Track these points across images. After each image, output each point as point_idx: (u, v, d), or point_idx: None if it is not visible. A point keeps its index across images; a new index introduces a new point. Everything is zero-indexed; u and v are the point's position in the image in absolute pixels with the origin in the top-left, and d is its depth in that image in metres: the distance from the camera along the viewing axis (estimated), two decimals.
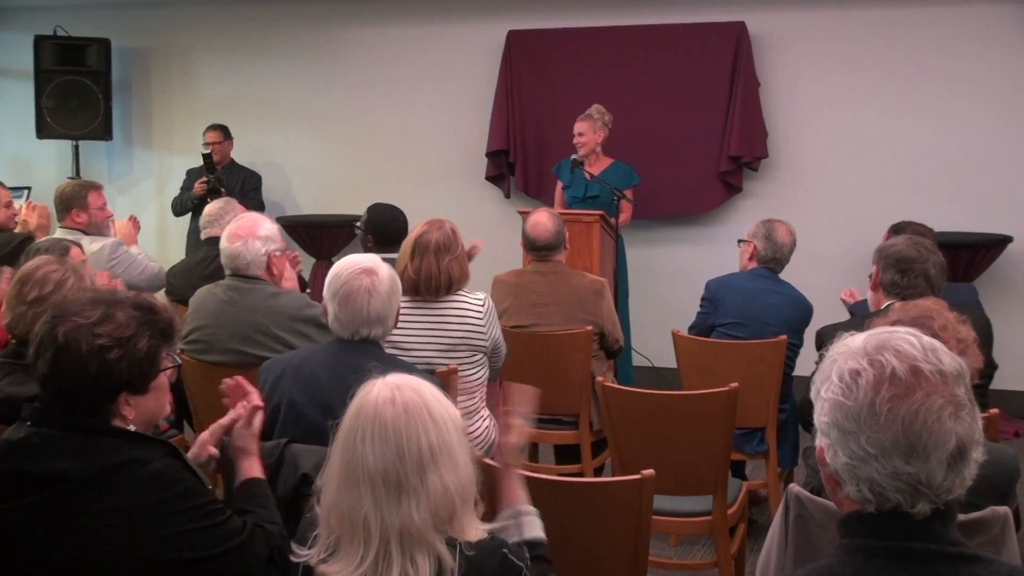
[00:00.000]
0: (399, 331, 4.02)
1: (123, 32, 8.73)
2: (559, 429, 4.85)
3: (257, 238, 4.08)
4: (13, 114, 9.04)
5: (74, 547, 2.11)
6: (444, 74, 8.06)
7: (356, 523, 1.90)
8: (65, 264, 3.31)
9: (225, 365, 3.89)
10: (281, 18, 8.42)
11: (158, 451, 2.22)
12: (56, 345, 2.17)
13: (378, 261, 3.22)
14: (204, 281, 4.41)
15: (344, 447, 1.95)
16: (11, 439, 2.22)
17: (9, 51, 9.11)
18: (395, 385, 1.97)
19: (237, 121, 8.59)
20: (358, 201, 7.76)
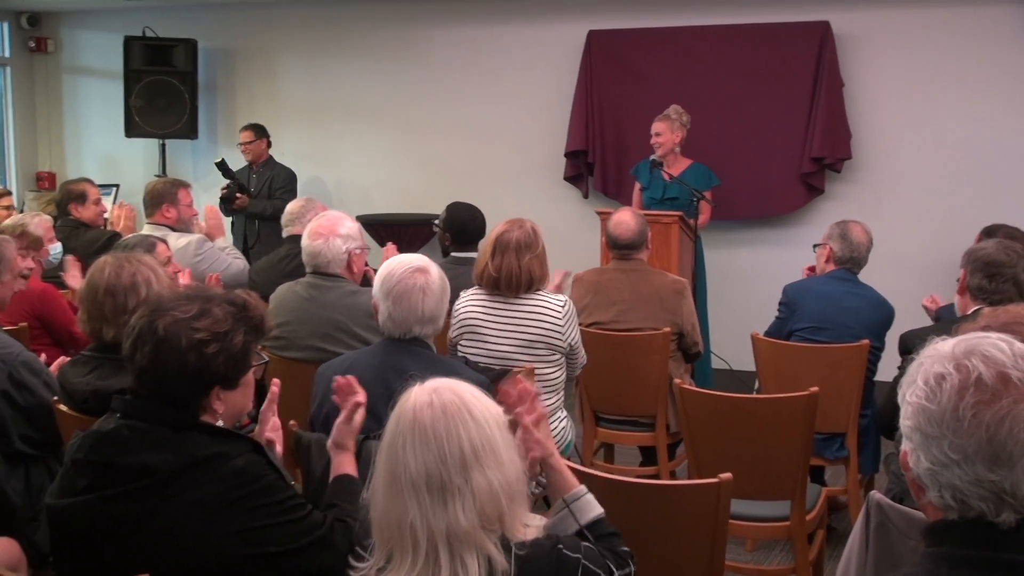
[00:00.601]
0: (477, 327, 4.06)
1: (209, 33, 8.89)
2: (636, 431, 4.83)
3: (338, 236, 4.13)
4: (103, 113, 9.27)
5: (158, 538, 2.15)
6: (524, 74, 8.07)
7: (404, 531, 1.88)
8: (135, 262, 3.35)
9: (305, 362, 3.94)
10: (363, 18, 8.51)
11: (242, 447, 2.26)
12: (156, 338, 2.21)
13: (429, 260, 3.25)
14: (285, 278, 4.47)
15: (387, 456, 1.93)
16: (101, 430, 2.26)
17: (100, 52, 9.34)
18: (432, 388, 1.95)
19: (318, 120, 8.72)
20: (437, 200, 7.80)
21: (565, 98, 7.84)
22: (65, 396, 3.30)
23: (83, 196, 5.91)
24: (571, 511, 2.25)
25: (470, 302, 4.13)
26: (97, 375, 3.20)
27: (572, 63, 7.82)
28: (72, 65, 9.65)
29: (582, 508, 2.26)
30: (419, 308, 3.12)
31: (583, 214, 7.68)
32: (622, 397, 4.77)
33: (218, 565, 2.17)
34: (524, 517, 1.98)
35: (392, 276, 3.15)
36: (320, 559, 2.26)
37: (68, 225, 5.81)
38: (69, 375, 3.31)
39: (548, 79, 7.97)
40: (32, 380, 3.58)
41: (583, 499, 2.28)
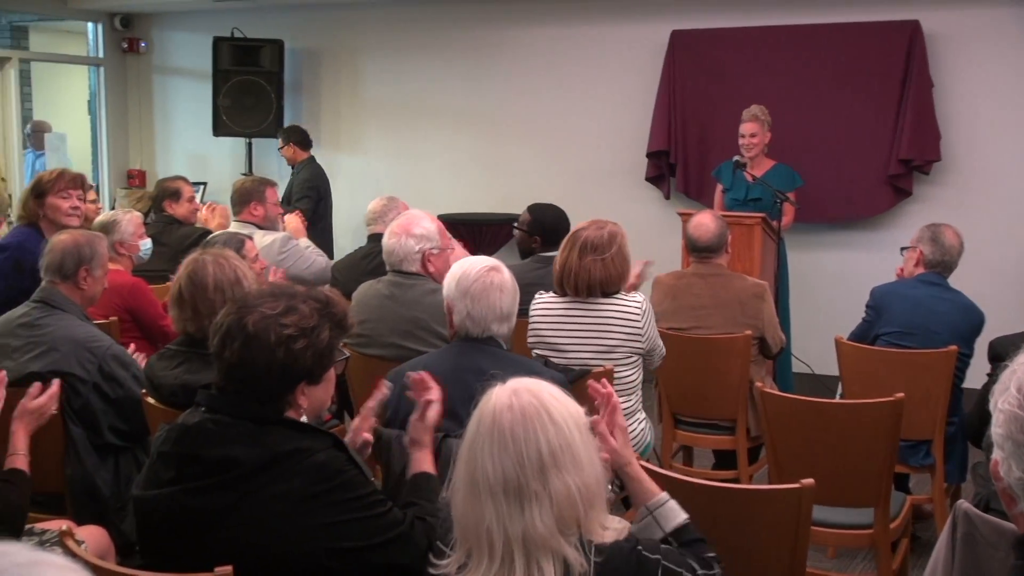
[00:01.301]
0: (554, 332, 4.04)
1: (296, 34, 9.02)
2: (715, 434, 4.78)
3: (412, 236, 4.16)
4: (192, 112, 9.45)
5: (241, 530, 2.19)
6: (606, 74, 8.05)
7: (481, 533, 1.88)
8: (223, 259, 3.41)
9: (385, 359, 3.98)
10: (447, 19, 8.56)
11: (324, 442, 2.28)
12: (245, 334, 2.25)
13: (498, 261, 3.27)
14: (367, 276, 4.52)
15: (467, 458, 1.92)
16: (186, 423, 2.31)
17: (190, 52, 9.53)
18: (512, 390, 1.93)
19: (401, 120, 8.79)
20: (518, 201, 7.81)
21: (647, 98, 7.79)
22: (153, 389, 3.38)
23: (178, 193, 6.05)
24: (655, 518, 2.24)
25: (544, 308, 4.11)
26: (185, 369, 3.27)
27: (654, 63, 7.77)
28: (163, 65, 9.86)
29: (666, 515, 2.24)
30: (497, 305, 3.14)
31: (664, 215, 7.63)
32: (702, 400, 4.73)
33: (299, 558, 2.20)
34: (603, 519, 1.96)
35: (468, 275, 3.17)
36: (400, 555, 2.28)
37: (162, 221, 5.95)
38: (157, 368, 3.38)
39: (630, 79, 7.94)
40: (121, 373, 3.67)
41: (666, 506, 2.26)
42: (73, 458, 3.62)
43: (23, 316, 3.78)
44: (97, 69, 9.85)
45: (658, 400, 4.93)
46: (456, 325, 3.20)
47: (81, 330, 3.74)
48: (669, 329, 4.63)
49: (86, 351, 3.64)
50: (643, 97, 7.82)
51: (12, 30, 11.31)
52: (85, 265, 3.85)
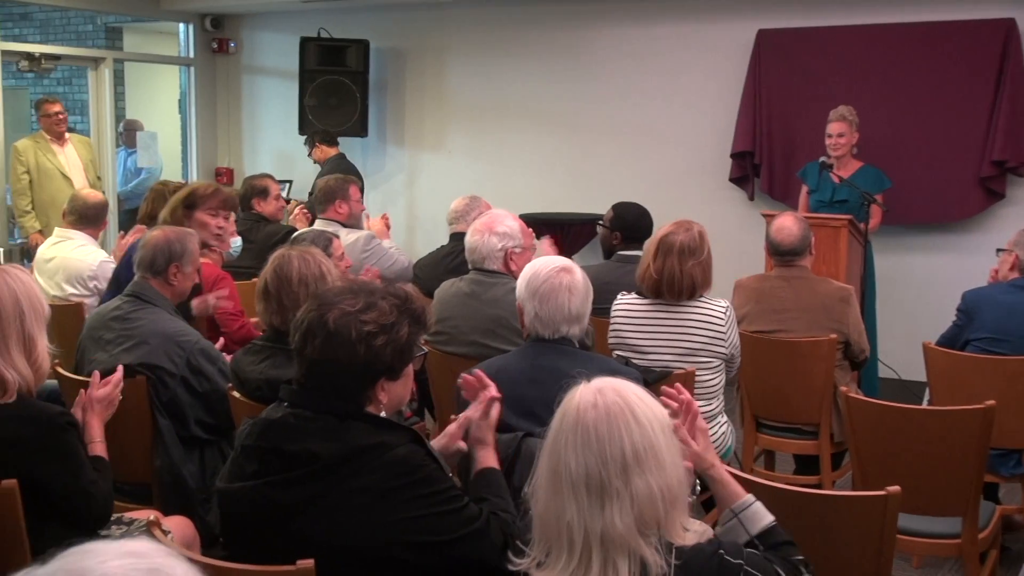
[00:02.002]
0: (636, 333, 4.02)
1: (381, 33, 9.11)
2: (798, 438, 4.72)
3: (494, 234, 4.18)
4: (279, 111, 9.60)
5: (322, 523, 2.22)
6: (691, 74, 7.99)
7: (561, 529, 1.88)
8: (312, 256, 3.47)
9: (466, 357, 3.99)
10: (531, 19, 8.57)
11: (403, 437, 2.30)
12: (327, 331, 2.27)
13: (571, 261, 3.25)
14: (449, 275, 4.55)
15: (550, 454, 1.93)
16: (270, 418, 2.34)
17: (277, 52, 9.68)
18: (597, 389, 1.94)
19: (485, 119, 8.82)
20: (601, 201, 7.79)
21: (732, 98, 7.72)
22: (239, 383, 3.44)
23: (265, 191, 6.15)
24: (740, 521, 2.22)
25: (626, 310, 4.08)
26: (270, 364, 3.32)
27: (739, 63, 7.69)
28: (251, 65, 10.03)
29: (751, 517, 2.22)
30: (566, 306, 3.12)
31: (748, 216, 7.55)
32: (785, 403, 4.67)
33: (378, 552, 2.22)
34: (684, 521, 1.95)
35: (538, 276, 3.16)
36: (476, 550, 2.29)
37: (250, 219, 6.05)
38: (243, 363, 3.44)
39: (715, 79, 7.87)
40: (209, 368, 3.75)
41: (752, 508, 2.24)
42: (161, 450, 3.70)
43: (116, 309, 3.87)
44: (188, 69, 10.05)
45: (740, 403, 4.87)
46: (527, 326, 3.20)
47: (170, 325, 3.82)
48: (752, 332, 4.58)
49: (175, 345, 3.72)
50: (728, 97, 7.75)
51: (107, 31, 11.61)
52: (176, 262, 3.93)
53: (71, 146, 8.19)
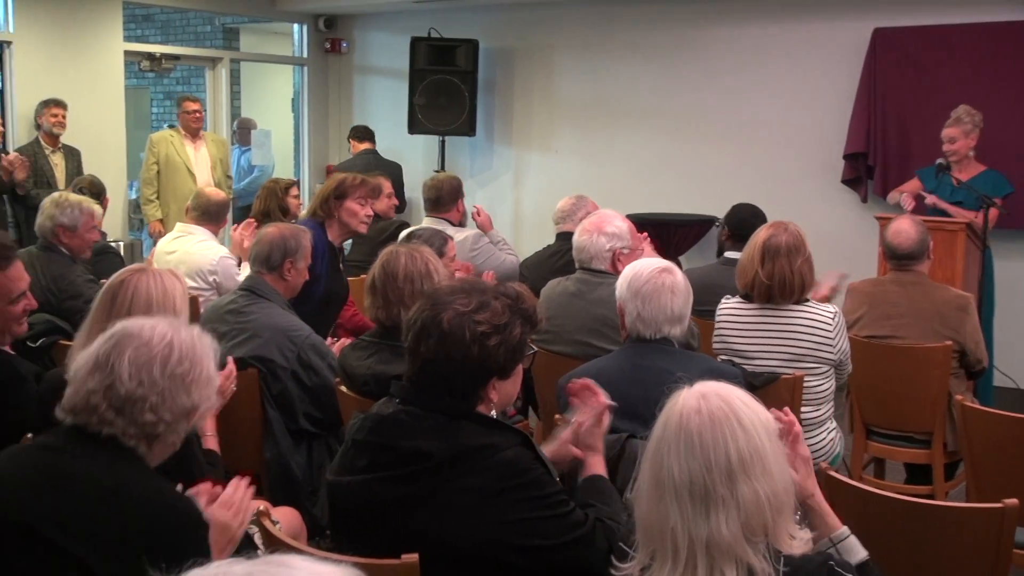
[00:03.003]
0: (741, 338, 3.96)
1: (490, 33, 9.16)
2: (910, 447, 4.60)
3: (603, 234, 4.17)
4: (388, 110, 9.72)
5: (428, 521, 2.23)
6: (802, 73, 7.85)
7: (665, 535, 1.85)
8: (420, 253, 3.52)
9: (571, 356, 3.99)
10: (640, 18, 8.53)
11: (513, 439, 2.30)
12: (441, 331, 2.28)
13: (670, 263, 3.24)
14: (554, 274, 4.56)
15: (652, 460, 1.90)
16: (381, 414, 2.37)
17: (388, 52, 9.81)
18: (701, 393, 1.90)
19: (593, 119, 8.81)
20: (709, 201, 7.74)
21: (845, 98, 7.56)
22: (346, 378, 3.49)
23: (378, 189, 6.25)
24: (838, 551, 2.18)
25: (731, 314, 4.03)
26: (377, 359, 3.37)
27: (854, 62, 7.53)
28: (362, 65, 10.18)
29: (848, 549, 2.19)
30: (669, 307, 3.12)
31: (861, 219, 7.39)
32: (897, 411, 4.55)
33: (483, 552, 2.22)
34: (791, 529, 1.91)
35: (640, 277, 3.15)
36: (581, 556, 2.28)
37: None
38: (351, 358, 3.50)
39: (827, 79, 7.72)
40: (318, 362, 3.82)
41: (848, 540, 2.21)
42: (270, 442, 3.79)
43: (231, 303, 3.98)
44: (301, 68, 10.25)
45: (849, 409, 4.77)
46: (628, 326, 3.19)
47: (283, 319, 3.90)
48: (864, 337, 4.48)
49: (287, 339, 3.80)
50: (841, 97, 7.59)
51: (224, 32, 11.91)
52: (290, 257, 4.03)
53: (204, 143, 8.44)
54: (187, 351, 2.21)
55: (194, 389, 2.20)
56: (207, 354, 2.27)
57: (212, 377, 2.26)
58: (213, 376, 2.26)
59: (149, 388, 2.14)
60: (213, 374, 2.26)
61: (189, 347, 2.22)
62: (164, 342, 2.19)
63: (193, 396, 2.20)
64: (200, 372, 2.22)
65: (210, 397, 2.26)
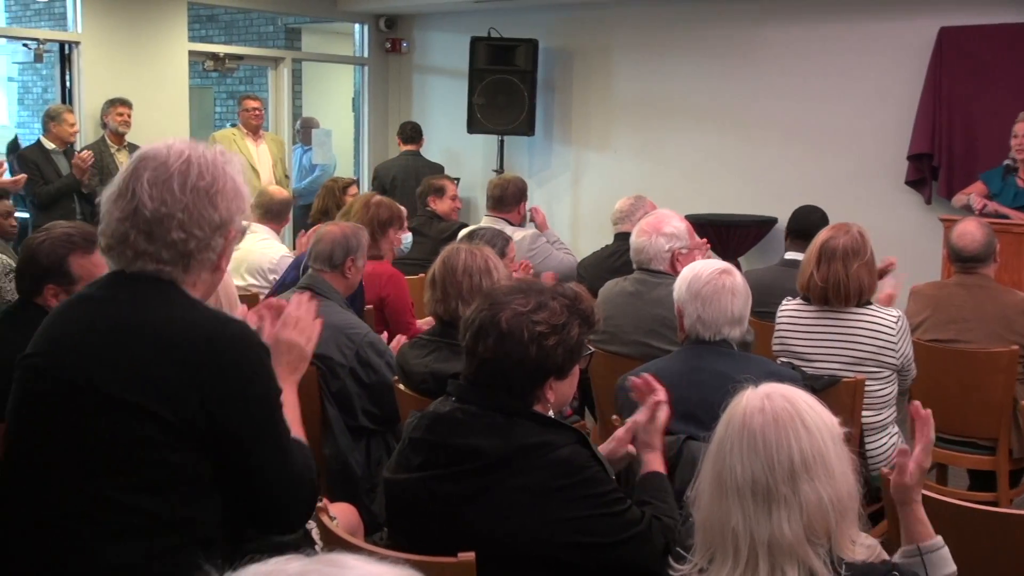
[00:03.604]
0: (801, 340, 3.92)
1: (550, 33, 9.16)
2: (974, 453, 4.52)
3: (662, 235, 4.16)
4: (448, 110, 9.76)
5: (484, 518, 2.24)
6: (866, 73, 7.74)
7: (726, 535, 1.85)
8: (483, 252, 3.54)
9: (628, 357, 3.98)
10: (700, 17, 8.47)
11: (568, 437, 2.30)
12: (499, 332, 2.29)
13: (729, 264, 3.21)
14: (612, 274, 4.55)
15: (715, 458, 1.90)
16: (437, 412, 2.38)
17: (448, 52, 9.85)
18: (765, 394, 1.89)
19: (651, 118, 8.77)
20: (769, 202, 7.68)
21: (908, 98, 7.45)
22: (404, 376, 3.52)
23: (442, 190, 6.32)
24: (924, 561, 2.14)
25: (791, 316, 3.99)
26: (435, 358, 3.39)
27: (918, 62, 7.42)
28: (422, 64, 10.23)
29: (937, 562, 2.14)
30: (729, 308, 3.10)
31: (925, 221, 7.28)
32: (960, 416, 4.47)
33: (539, 550, 2.23)
34: (854, 534, 1.89)
35: (699, 278, 3.14)
36: (637, 555, 2.28)
37: (425, 215, 6.20)
38: (409, 356, 3.52)
39: (892, 78, 7.61)
40: (376, 360, 3.85)
41: (939, 552, 2.16)
42: (329, 439, 3.82)
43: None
44: (361, 68, 10.33)
45: (911, 414, 4.70)
46: (687, 328, 3.18)
47: (342, 317, 3.94)
48: (927, 341, 4.41)
49: (345, 337, 3.84)
50: (905, 97, 7.49)
51: (287, 32, 12.03)
52: (352, 255, 4.09)
53: (264, 142, 8.54)
54: (207, 165, 2.12)
55: (220, 201, 2.11)
56: (232, 168, 2.17)
57: (239, 190, 2.17)
58: (241, 190, 2.17)
59: (173, 206, 2.06)
60: (241, 187, 2.17)
61: (209, 161, 2.13)
62: (181, 159, 2.10)
63: (220, 209, 2.11)
64: (224, 184, 2.12)
65: (242, 210, 2.17)
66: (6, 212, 5.44)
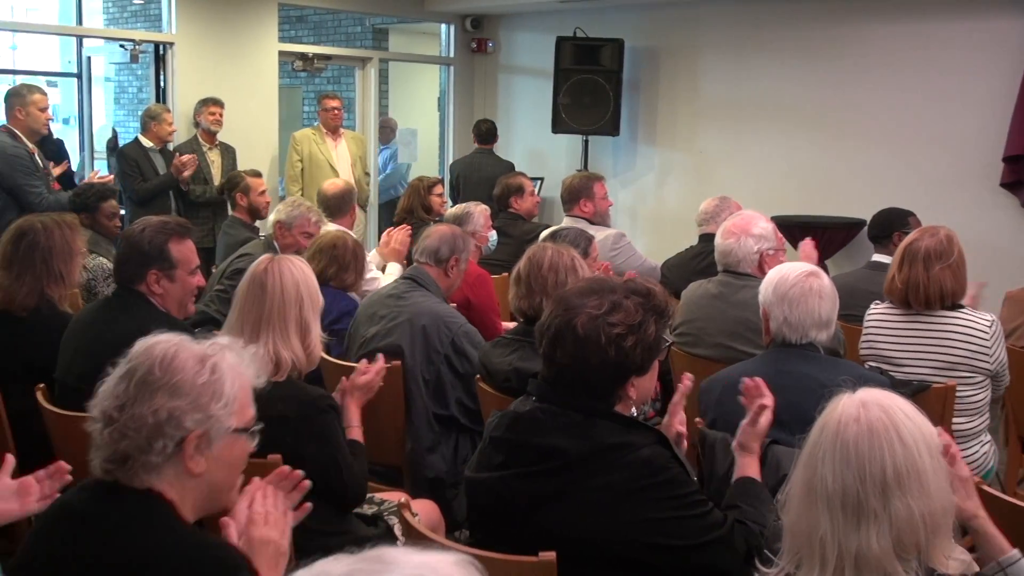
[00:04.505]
0: (890, 344, 3.85)
1: (636, 33, 9.11)
2: None
3: (750, 236, 4.12)
4: (532, 110, 9.78)
5: (564, 518, 2.24)
6: (959, 72, 7.55)
7: (814, 543, 1.81)
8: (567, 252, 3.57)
9: (711, 359, 3.95)
10: (790, 15, 8.35)
11: (649, 438, 2.30)
12: (576, 338, 2.28)
13: (816, 267, 3.18)
14: (696, 276, 4.52)
15: (806, 465, 1.86)
16: (519, 411, 2.39)
17: (533, 52, 9.86)
18: (862, 402, 1.84)
19: (738, 118, 8.68)
20: (858, 204, 7.54)
21: (1004, 98, 7.25)
22: (487, 374, 3.54)
23: (521, 190, 6.34)
24: (1007, 575, 2.09)
25: (880, 320, 3.92)
26: (518, 356, 3.40)
27: (1014, 61, 7.21)
28: (507, 64, 10.26)
29: (1018, 574, 2.10)
30: (816, 311, 3.06)
31: (1020, 225, 7.09)
32: None
33: (618, 551, 2.22)
34: (948, 549, 1.83)
35: (786, 280, 3.10)
36: (718, 558, 2.26)
37: (507, 216, 6.22)
38: (492, 355, 3.54)
39: (987, 78, 7.41)
40: (471, 351, 3.91)
41: (1019, 564, 2.12)
42: (412, 434, 3.86)
43: (392, 289, 4.17)
44: (447, 68, 10.39)
45: (1004, 422, 4.59)
46: (772, 331, 3.14)
47: (440, 306, 4.07)
48: (1021, 347, 4.30)
49: (443, 324, 3.93)
50: (1000, 96, 7.28)
51: (374, 32, 12.15)
52: (456, 255, 4.21)
53: (344, 141, 8.64)
54: (167, 360, 1.93)
55: (160, 396, 1.90)
56: (195, 365, 1.94)
57: (196, 388, 1.92)
58: (199, 389, 1.93)
59: (125, 401, 1.91)
60: (199, 387, 1.93)
61: (170, 356, 1.93)
62: (147, 352, 1.95)
63: (156, 403, 1.89)
64: (172, 380, 1.91)
65: (203, 412, 1.92)
66: (111, 213, 5.57)
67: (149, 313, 3.41)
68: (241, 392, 1.99)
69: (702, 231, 5.34)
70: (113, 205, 5.63)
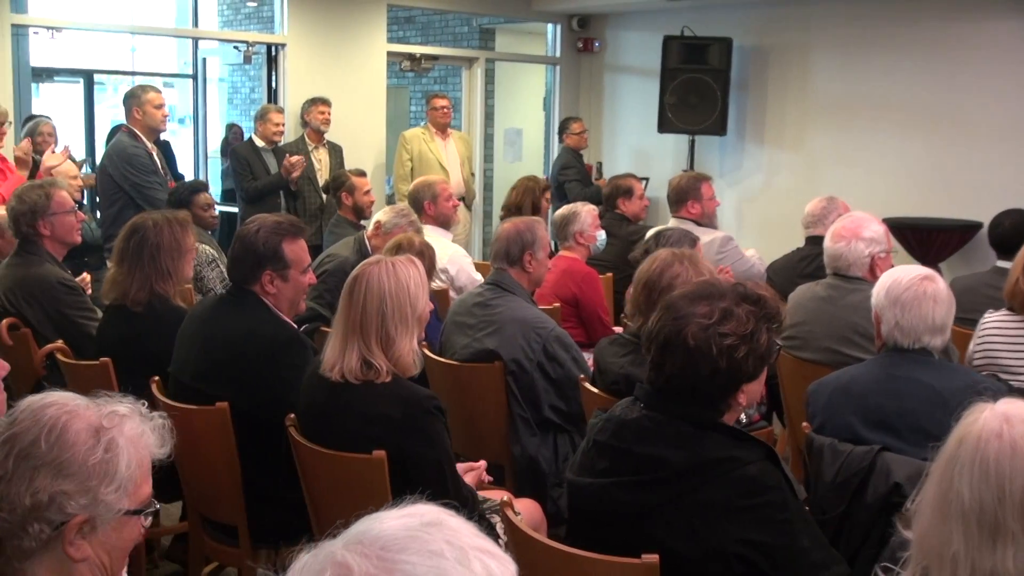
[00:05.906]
0: (1008, 352, 3.73)
1: (744, 31, 9.00)
2: None
3: (861, 239, 4.03)
4: (638, 110, 9.73)
5: (664, 529, 2.21)
6: None
7: (944, 559, 1.72)
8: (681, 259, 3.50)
9: (819, 363, 3.88)
10: (902, 13, 8.15)
11: (758, 453, 2.24)
12: (687, 348, 2.24)
13: (931, 270, 3.08)
14: (804, 279, 4.45)
15: (941, 476, 1.77)
16: (624, 418, 2.35)
17: (640, 51, 9.81)
18: (1005, 416, 1.73)
19: (849, 118, 8.51)
20: (973, 206, 7.32)
21: None
22: (598, 372, 3.53)
23: (630, 191, 6.30)
24: None
25: (997, 326, 3.80)
26: (631, 360, 3.37)
27: None
28: (613, 64, 10.22)
29: None
30: (930, 316, 2.96)
31: None
32: None
33: (717, 568, 2.18)
34: None
35: (899, 284, 3.02)
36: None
37: (614, 217, 6.21)
38: (607, 353, 3.53)
39: None
40: (563, 355, 3.90)
41: None
42: (516, 436, 3.88)
43: (478, 296, 4.13)
44: (553, 68, 10.40)
45: None
46: (884, 335, 3.06)
47: (528, 312, 4.02)
48: None
49: (533, 332, 3.91)
50: None
51: (480, 32, 12.22)
52: (528, 250, 4.15)
53: (452, 140, 8.72)
54: (55, 431, 1.70)
55: (42, 476, 1.66)
56: (87, 440, 1.70)
57: (86, 469, 1.68)
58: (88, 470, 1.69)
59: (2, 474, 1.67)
60: (89, 467, 1.69)
61: (59, 427, 1.70)
62: (34, 418, 1.71)
63: (38, 484, 1.65)
64: (59, 457, 1.68)
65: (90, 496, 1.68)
66: (206, 204, 5.75)
67: (260, 314, 3.47)
68: (138, 471, 1.76)
69: (809, 233, 5.24)
70: (206, 197, 5.82)
